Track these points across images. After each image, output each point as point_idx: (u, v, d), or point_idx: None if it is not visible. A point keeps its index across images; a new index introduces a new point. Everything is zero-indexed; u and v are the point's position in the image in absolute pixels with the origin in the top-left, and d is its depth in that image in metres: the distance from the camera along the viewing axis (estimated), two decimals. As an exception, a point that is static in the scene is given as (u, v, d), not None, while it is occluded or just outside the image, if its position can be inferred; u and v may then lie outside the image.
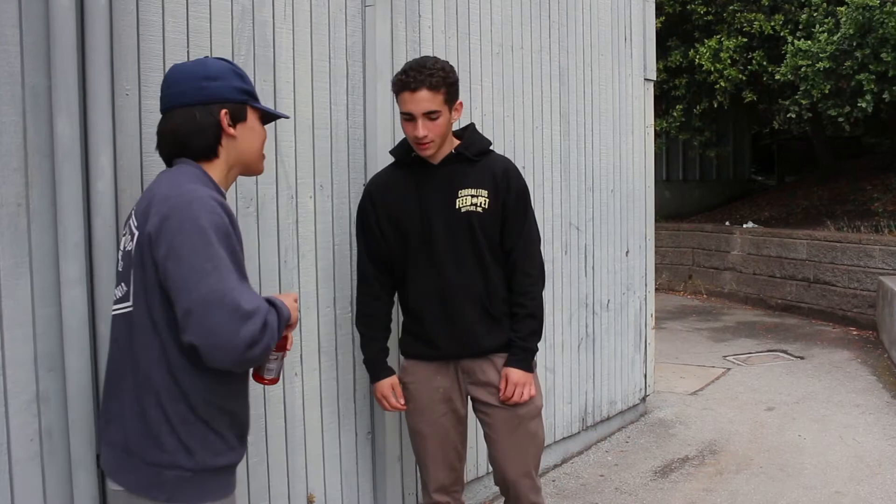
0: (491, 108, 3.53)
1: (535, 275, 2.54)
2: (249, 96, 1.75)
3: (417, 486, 3.19)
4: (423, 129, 2.34)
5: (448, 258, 2.45)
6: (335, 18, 2.80)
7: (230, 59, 2.42)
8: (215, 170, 1.72)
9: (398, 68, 3.02)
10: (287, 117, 2.04)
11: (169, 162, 1.77)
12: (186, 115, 1.67)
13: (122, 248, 1.70)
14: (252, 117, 1.76)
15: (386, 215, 2.50)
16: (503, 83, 3.61)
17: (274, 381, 1.87)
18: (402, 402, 2.57)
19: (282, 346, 1.90)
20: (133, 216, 1.66)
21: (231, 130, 1.70)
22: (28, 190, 1.95)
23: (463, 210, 2.43)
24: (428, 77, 2.32)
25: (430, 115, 2.34)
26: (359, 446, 2.96)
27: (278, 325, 1.62)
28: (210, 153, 1.70)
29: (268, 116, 1.85)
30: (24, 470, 1.96)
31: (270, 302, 1.64)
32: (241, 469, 2.51)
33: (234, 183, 2.49)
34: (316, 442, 2.78)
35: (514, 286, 2.51)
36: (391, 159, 2.95)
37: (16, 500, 1.94)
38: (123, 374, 1.62)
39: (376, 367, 2.58)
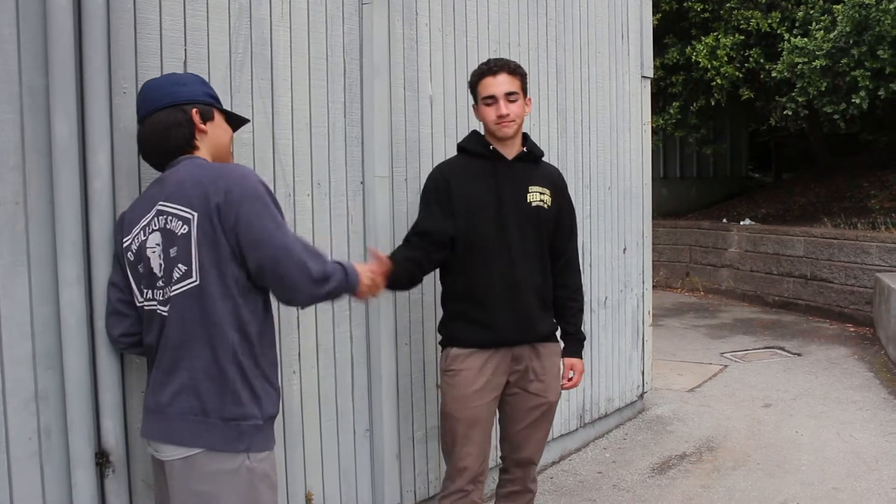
0: (488, 106, 3.52)
1: (580, 274, 2.85)
2: (215, 100, 2.00)
3: (416, 483, 3.19)
4: (505, 107, 2.55)
5: (518, 247, 2.61)
6: (332, 16, 2.80)
7: (227, 57, 2.44)
8: None
9: (395, 66, 3.04)
10: (248, 121, 2.15)
11: (157, 166, 1.95)
12: (165, 115, 1.90)
13: (156, 238, 1.83)
14: (218, 118, 1.99)
15: (460, 198, 2.59)
16: (500, 81, 3.60)
17: None
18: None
19: None
20: (170, 206, 1.81)
21: (202, 126, 1.94)
22: (26, 188, 1.95)
23: (533, 204, 2.64)
24: (507, 64, 2.59)
25: (510, 97, 2.56)
26: (357, 444, 2.96)
27: (345, 280, 1.92)
28: (188, 146, 1.92)
29: (233, 120, 2.07)
30: (22, 468, 1.96)
31: (339, 263, 1.94)
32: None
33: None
34: (314, 440, 2.78)
35: (569, 282, 2.77)
36: (388, 158, 2.97)
37: (14, 498, 1.94)
38: (193, 345, 1.80)
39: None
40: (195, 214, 1.78)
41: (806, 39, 7.94)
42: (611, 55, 4.48)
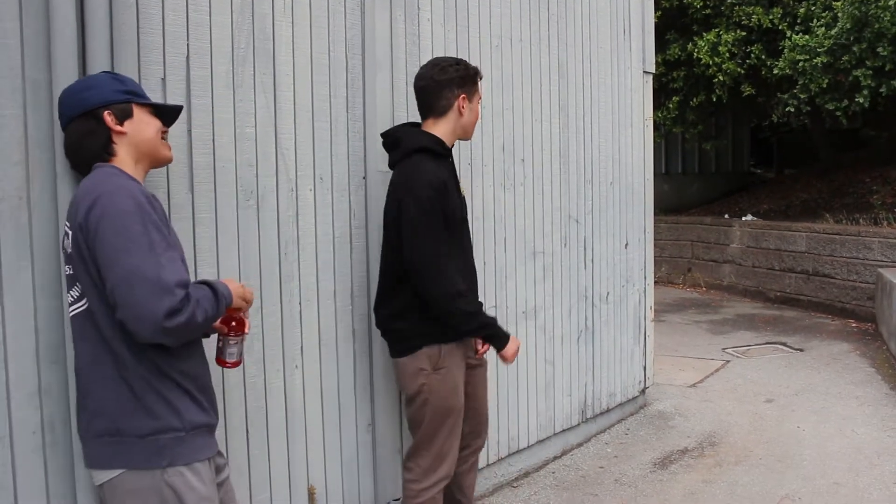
0: (490, 101, 3.53)
1: None
2: (132, 95, 1.86)
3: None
4: None
5: (468, 240, 2.75)
6: (334, 11, 2.80)
7: (230, 51, 2.44)
8: (123, 167, 1.81)
9: (397, 61, 3.04)
10: (181, 107, 2.01)
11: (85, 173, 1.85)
12: (76, 126, 1.80)
13: (66, 252, 1.79)
14: (140, 112, 1.86)
15: (449, 206, 2.60)
16: (502, 76, 3.61)
17: (236, 364, 2.01)
18: None
19: (240, 329, 2.00)
20: (67, 223, 1.76)
21: (118, 128, 1.81)
22: (29, 183, 1.96)
23: (464, 196, 2.74)
24: None
25: None
26: (359, 438, 2.97)
27: (215, 301, 1.76)
28: (105, 153, 1.80)
29: (166, 114, 1.94)
30: (26, 462, 1.97)
31: (206, 282, 1.80)
32: (241, 459, 2.52)
33: (230, 176, 2.50)
34: (316, 433, 2.79)
35: None
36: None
37: (19, 491, 1.95)
38: (101, 365, 1.73)
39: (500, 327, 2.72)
40: (70, 232, 1.72)
41: (807, 37, 7.93)
42: (612, 50, 4.48)
